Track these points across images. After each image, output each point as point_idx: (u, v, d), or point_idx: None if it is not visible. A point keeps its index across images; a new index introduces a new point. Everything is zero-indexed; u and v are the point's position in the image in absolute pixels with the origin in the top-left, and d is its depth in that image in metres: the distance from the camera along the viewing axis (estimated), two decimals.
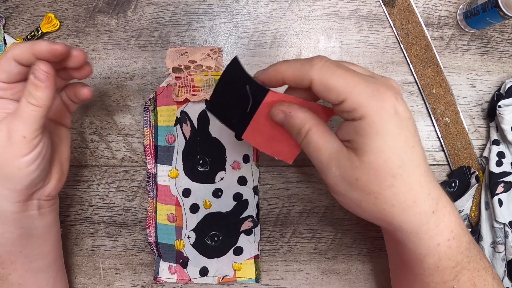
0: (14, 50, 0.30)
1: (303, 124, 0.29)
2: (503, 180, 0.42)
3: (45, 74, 0.30)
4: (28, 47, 0.30)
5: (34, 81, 0.30)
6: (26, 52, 0.30)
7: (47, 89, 0.30)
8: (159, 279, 0.45)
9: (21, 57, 0.30)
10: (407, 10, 0.45)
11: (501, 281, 0.34)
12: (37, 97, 0.30)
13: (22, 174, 0.31)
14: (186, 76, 0.44)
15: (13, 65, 0.31)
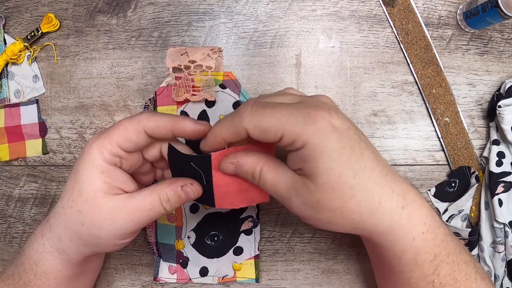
0: (148, 122, 0.29)
1: (253, 167, 0.29)
2: (503, 180, 0.42)
3: (196, 195, 0.30)
4: (168, 124, 0.29)
5: (182, 195, 0.29)
6: (164, 129, 0.29)
7: (184, 203, 0.30)
8: (159, 279, 0.45)
9: (156, 132, 0.29)
10: (407, 10, 0.45)
11: (486, 275, 0.33)
12: (174, 206, 0.30)
13: (112, 249, 0.32)
14: (186, 76, 0.44)
15: (142, 139, 0.29)
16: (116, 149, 0.29)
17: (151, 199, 0.29)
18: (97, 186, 0.29)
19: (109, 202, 0.29)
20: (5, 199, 0.47)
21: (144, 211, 0.29)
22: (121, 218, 0.29)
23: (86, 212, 0.29)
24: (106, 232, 0.30)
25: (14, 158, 0.47)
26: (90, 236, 0.30)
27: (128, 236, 0.31)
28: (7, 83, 0.47)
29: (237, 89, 0.45)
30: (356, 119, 0.45)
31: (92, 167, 0.29)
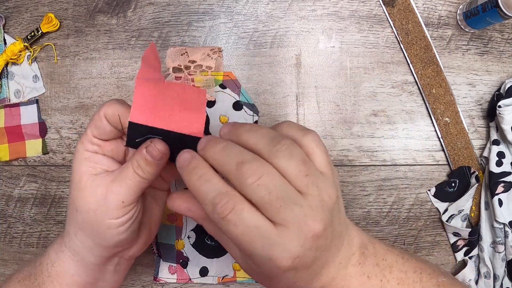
0: (107, 108, 0.30)
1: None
2: (503, 180, 0.42)
3: (160, 154, 0.30)
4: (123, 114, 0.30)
5: (147, 157, 0.29)
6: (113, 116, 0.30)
7: (158, 167, 0.30)
8: (159, 279, 0.45)
9: (113, 120, 0.30)
10: (407, 10, 0.45)
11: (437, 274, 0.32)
12: (146, 171, 0.30)
13: (111, 234, 0.31)
14: (186, 76, 0.44)
15: (105, 124, 0.30)
16: (91, 138, 0.31)
17: (125, 168, 0.30)
18: (83, 170, 0.30)
19: (92, 182, 0.30)
20: (5, 199, 0.47)
21: (121, 181, 0.30)
22: (102, 193, 0.30)
23: (76, 197, 0.31)
24: (93, 211, 0.30)
25: (14, 158, 0.47)
26: (84, 222, 0.31)
27: (116, 213, 0.30)
28: (7, 83, 0.47)
29: (237, 89, 0.45)
30: (356, 119, 0.45)
31: (78, 157, 0.31)
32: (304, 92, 0.45)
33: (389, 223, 0.45)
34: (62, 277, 0.33)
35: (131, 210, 0.31)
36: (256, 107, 0.45)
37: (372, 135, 0.45)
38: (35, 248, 0.47)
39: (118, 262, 0.35)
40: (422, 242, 0.45)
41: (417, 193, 0.45)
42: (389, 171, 0.45)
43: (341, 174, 0.45)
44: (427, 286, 0.30)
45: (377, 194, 0.45)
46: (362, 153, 0.45)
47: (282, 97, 0.45)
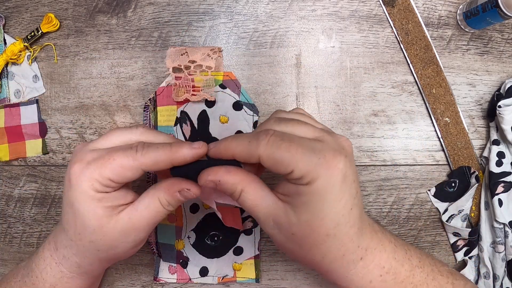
0: (144, 160, 0.28)
1: (234, 188, 0.29)
2: (503, 180, 0.42)
3: (194, 197, 0.30)
4: (166, 158, 0.28)
5: (180, 198, 0.30)
6: (163, 163, 0.28)
7: (183, 202, 0.31)
8: (159, 279, 0.45)
9: (155, 168, 0.28)
10: (407, 10, 0.45)
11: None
12: (174, 206, 0.30)
13: (129, 255, 0.33)
14: (186, 76, 0.44)
15: (138, 175, 0.29)
16: (107, 182, 0.28)
17: (154, 206, 0.30)
18: (100, 214, 0.29)
19: (115, 224, 0.29)
20: (5, 199, 0.47)
21: (150, 219, 0.30)
22: (132, 233, 0.30)
23: (98, 241, 0.30)
24: (122, 249, 0.31)
25: (14, 158, 0.47)
26: (108, 255, 0.32)
27: (143, 241, 0.32)
28: (7, 83, 0.47)
29: (237, 89, 0.45)
30: (356, 119, 0.45)
31: (87, 199, 0.29)
32: (304, 92, 0.45)
33: (389, 223, 0.45)
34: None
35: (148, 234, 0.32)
36: (256, 107, 0.45)
37: (372, 135, 0.45)
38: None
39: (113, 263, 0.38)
40: (422, 242, 0.45)
41: (417, 193, 0.45)
42: (389, 171, 0.45)
43: None
44: None
45: (377, 194, 0.45)
46: (362, 153, 0.45)
47: (282, 97, 0.45)
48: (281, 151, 0.27)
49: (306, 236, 0.28)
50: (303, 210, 0.27)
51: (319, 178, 0.26)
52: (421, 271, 0.32)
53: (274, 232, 0.29)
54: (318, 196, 0.27)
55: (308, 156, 0.26)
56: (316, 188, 0.26)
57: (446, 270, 0.34)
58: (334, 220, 0.27)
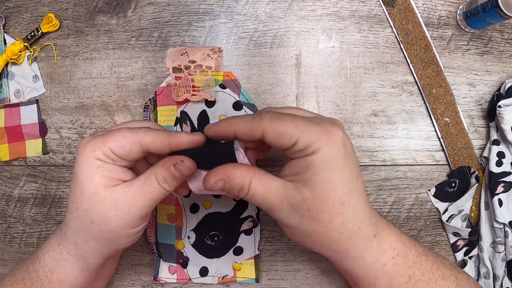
0: (144, 136, 0.29)
1: (243, 181, 0.29)
2: (503, 180, 0.42)
3: (189, 171, 0.30)
4: (164, 139, 0.29)
5: (175, 173, 0.30)
6: (160, 143, 0.29)
7: (182, 180, 0.31)
8: (159, 279, 0.45)
9: (152, 146, 0.29)
10: (407, 10, 0.45)
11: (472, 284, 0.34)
12: (173, 185, 0.30)
13: (129, 240, 0.32)
14: (186, 76, 0.44)
15: (136, 151, 0.30)
16: (108, 151, 0.29)
17: (149, 181, 0.30)
18: (97, 181, 0.29)
19: (111, 194, 0.29)
20: (5, 199, 0.47)
21: (145, 195, 0.30)
22: (125, 206, 0.30)
23: (92, 209, 0.30)
24: (115, 224, 0.30)
25: (14, 158, 0.47)
26: (101, 232, 0.31)
27: (138, 222, 0.31)
28: (7, 83, 0.47)
29: (237, 89, 0.45)
30: (356, 119, 0.45)
31: (87, 165, 0.29)
32: (304, 92, 0.45)
33: None
34: (65, 281, 0.33)
35: (150, 216, 0.32)
36: (256, 107, 0.45)
37: (372, 135, 0.45)
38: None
39: (115, 255, 0.37)
40: (422, 242, 0.45)
41: (417, 193, 0.45)
42: (389, 171, 0.45)
43: None
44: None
45: (377, 194, 0.45)
46: (362, 153, 0.45)
47: (282, 97, 0.45)
48: (285, 122, 0.28)
49: (321, 209, 0.28)
50: (314, 181, 0.27)
51: (324, 146, 0.27)
52: (426, 259, 0.33)
53: (289, 215, 0.29)
54: (326, 164, 0.27)
55: (310, 126, 0.27)
56: (323, 155, 0.27)
57: (448, 263, 0.34)
58: (345, 186, 0.28)
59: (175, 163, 0.30)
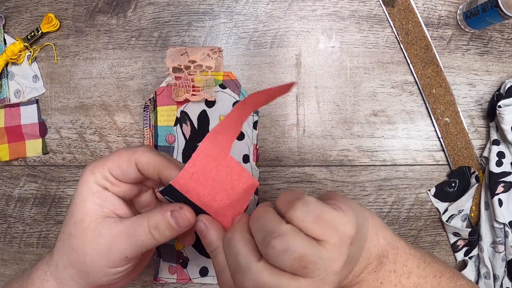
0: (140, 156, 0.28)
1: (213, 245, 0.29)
2: (503, 180, 0.42)
3: (186, 224, 0.27)
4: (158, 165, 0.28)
5: (171, 222, 0.27)
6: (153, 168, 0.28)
7: (176, 233, 0.28)
8: (159, 279, 0.45)
9: (145, 169, 0.28)
10: (407, 10, 0.45)
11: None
12: (164, 236, 0.28)
13: (106, 279, 0.29)
14: (186, 76, 0.44)
15: (132, 171, 0.28)
16: (106, 174, 0.28)
17: (139, 223, 0.27)
18: (87, 207, 0.28)
19: (96, 225, 0.28)
20: (5, 199, 0.47)
21: (130, 238, 0.27)
22: (106, 243, 0.27)
23: (75, 236, 0.28)
24: (90, 258, 0.28)
25: (14, 158, 0.47)
26: (78, 263, 0.29)
27: (117, 264, 0.28)
28: (7, 83, 0.47)
29: (237, 89, 0.45)
30: (356, 119, 0.45)
31: (83, 188, 0.28)
32: (304, 92, 0.45)
33: (389, 223, 0.45)
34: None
35: (133, 261, 0.29)
36: None
37: (372, 135, 0.45)
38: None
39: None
40: (422, 242, 0.45)
41: (417, 193, 0.45)
42: (389, 171, 0.45)
43: (341, 174, 0.45)
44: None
45: (377, 194, 0.45)
46: (362, 153, 0.45)
47: (282, 97, 0.45)
48: None
49: None
50: None
51: None
52: None
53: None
54: None
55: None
56: None
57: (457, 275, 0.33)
58: None
59: (173, 210, 0.27)
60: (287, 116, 0.45)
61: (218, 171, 0.27)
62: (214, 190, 0.28)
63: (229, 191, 0.28)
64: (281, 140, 0.45)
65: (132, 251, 0.28)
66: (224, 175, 0.27)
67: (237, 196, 0.28)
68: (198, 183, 0.27)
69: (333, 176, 0.45)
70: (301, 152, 0.45)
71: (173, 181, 0.27)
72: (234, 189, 0.28)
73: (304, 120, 0.45)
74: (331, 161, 0.45)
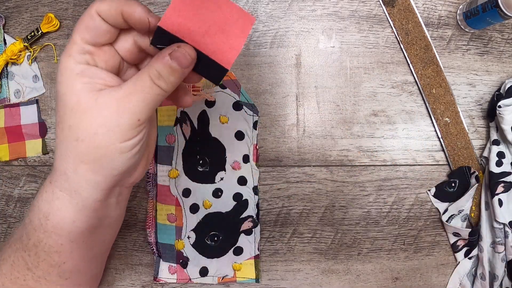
0: (99, 4, 0.25)
1: None
2: (503, 180, 0.42)
3: (189, 60, 0.25)
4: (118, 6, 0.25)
5: (172, 65, 0.25)
6: (114, 10, 0.25)
7: (182, 76, 0.26)
8: (159, 279, 0.45)
9: (108, 14, 0.25)
10: (407, 10, 0.45)
11: None
12: (170, 82, 0.25)
13: (123, 159, 0.27)
14: None
15: (98, 22, 0.25)
16: (81, 45, 0.26)
17: (141, 79, 0.25)
18: (78, 89, 0.25)
19: (96, 100, 0.25)
20: (5, 199, 0.47)
21: (136, 95, 0.25)
22: (113, 112, 0.25)
23: (76, 123, 0.26)
24: (102, 136, 0.25)
25: (14, 158, 0.47)
26: (89, 151, 0.26)
27: (130, 133, 0.26)
28: (7, 83, 0.47)
29: (237, 89, 0.45)
30: (356, 119, 0.45)
31: (66, 74, 0.26)
32: (304, 92, 0.45)
33: (389, 223, 0.45)
34: (61, 228, 0.29)
35: (144, 128, 0.27)
36: (256, 107, 0.45)
37: (372, 135, 0.45)
38: None
39: (120, 192, 0.31)
40: (422, 242, 0.45)
41: (417, 193, 0.45)
42: (389, 171, 0.45)
43: (341, 174, 0.45)
44: None
45: (377, 194, 0.45)
46: (362, 153, 0.45)
47: (282, 97, 0.45)
48: None
49: None
50: None
51: None
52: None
53: None
54: None
55: None
56: None
57: None
58: None
59: (170, 52, 0.25)
60: (287, 116, 0.45)
61: (207, 8, 0.25)
62: (206, 25, 0.25)
63: (221, 28, 0.26)
64: (281, 140, 0.45)
65: (141, 111, 0.25)
66: (213, 12, 0.25)
67: (232, 31, 0.26)
68: (188, 19, 0.25)
69: (333, 176, 0.45)
70: (301, 152, 0.45)
71: (161, 21, 0.25)
72: (227, 24, 0.26)
73: (304, 120, 0.45)
74: (331, 161, 0.45)
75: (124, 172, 0.28)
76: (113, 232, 0.35)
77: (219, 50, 0.26)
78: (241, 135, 0.44)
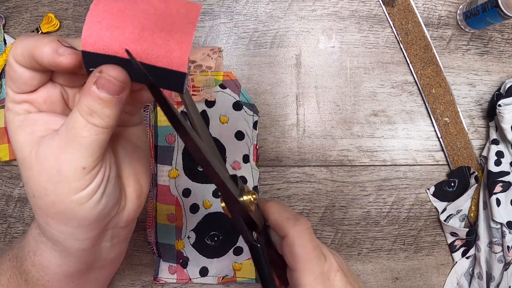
0: (14, 52, 0.22)
1: None
2: (502, 180, 0.42)
3: (119, 85, 0.21)
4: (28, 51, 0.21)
5: (100, 94, 0.21)
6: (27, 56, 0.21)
7: (119, 104, 0.21)
8: (159, 279, 0.45)
9: (24, 62, 0.22)
10: (407, 10, 0.45)
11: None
12: (104, 116, 0.21)
13: (85, 210, 0.23)
14: None
15: (19, 71, 0.22)
16: (13, 96, 0.23)
17: (73, 123, 0.21)
18: (21, 143, 0.23)
19: (37, 154, 0.22)
20: (5, 199, 0.47)
21: (71, 142, 0.21)
22: (53, 165, 0.22)
23: (27, 180, 0.23)
24: (52, 192, 0.22)
25: (14, 158, 0.47)
26: (48, 206, 0.23)
27: (80, 183, 0.22)
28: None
29: (237, 89, 0.45)
30: (356, 119, 0.45)
31: (9, 128, 0.23)
32: (304, 92, 0.45)
33: (389, 223, 0.45)
34: (47, 268, 0.27)
35: (99, 173, 0.23)
36: (256, 107, 0.45)
37: (372, 135, 0.45)
38: None
39: (114, 235, 0.27)
40: (422, 242, 0.45)
41: (417, 193, 0.45)
42: (389, 171, 0.45)
43: (341, 174, 0.45)
44: None
45: (377, 194, 0.45)
46: (362, 153, 0.45)
47: (282, 97, 0.45)
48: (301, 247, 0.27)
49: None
50: None
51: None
52: None
53: None
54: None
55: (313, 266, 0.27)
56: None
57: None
58: None
59: (95, 79, 0.21)
60: (287, 116, 0.45)
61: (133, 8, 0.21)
62: (138, 28, 0.20)
63: (159, 26, 0.21)
64: (281, 140, 0.45)
65: (82, 157, 0.22)
66: (142, 11, 0.21)
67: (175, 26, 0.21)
68: (115, 28, 0.20)
69: (333, 176, 0.45)
70: (301, 152, 0.45)
71: (82, 44, 0.20)
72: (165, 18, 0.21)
73: (304, 120, 0.45)
74: (331, 161, 0.45)
75: (98, 219, 0.24)
76: (109, 272, 0.32)
77: (164, 53, 0.21)
78: (241, 135, 0.44)
